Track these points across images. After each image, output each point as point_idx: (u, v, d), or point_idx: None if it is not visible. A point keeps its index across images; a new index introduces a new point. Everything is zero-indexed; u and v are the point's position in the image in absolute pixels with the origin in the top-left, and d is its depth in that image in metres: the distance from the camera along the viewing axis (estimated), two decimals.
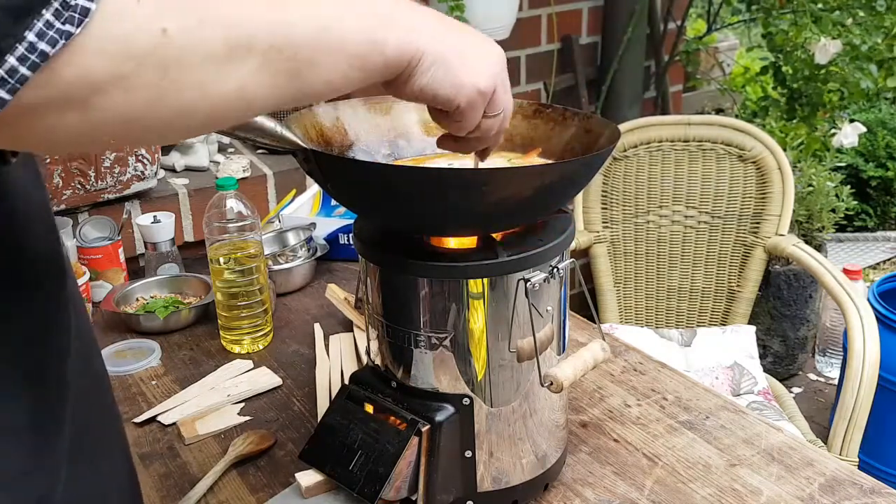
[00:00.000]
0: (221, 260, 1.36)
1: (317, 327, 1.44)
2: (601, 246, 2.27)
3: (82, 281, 1.49)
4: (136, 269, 1.71)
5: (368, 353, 0.99)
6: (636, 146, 2.24)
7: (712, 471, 1.03)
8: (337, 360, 1.31)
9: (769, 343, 2.82)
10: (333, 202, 1.76)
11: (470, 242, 0.89)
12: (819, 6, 2.59)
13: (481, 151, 0.82)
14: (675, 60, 2.79)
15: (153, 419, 1.21)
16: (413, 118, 1.01)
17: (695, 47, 2.81)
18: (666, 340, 2.12)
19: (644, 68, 2.74)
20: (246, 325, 1.38)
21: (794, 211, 2.60)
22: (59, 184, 1.62)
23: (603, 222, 2.27)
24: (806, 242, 2.21)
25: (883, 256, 3.64)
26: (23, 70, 0.41)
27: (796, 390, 2.86)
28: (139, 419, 1.20)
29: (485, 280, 0.86)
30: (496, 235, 0.89)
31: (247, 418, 1.20)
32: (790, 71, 2.73)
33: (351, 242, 1.65)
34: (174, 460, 1.12)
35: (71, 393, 0.62)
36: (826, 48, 2.45)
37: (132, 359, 1.37)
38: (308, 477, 0.92)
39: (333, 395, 1.00)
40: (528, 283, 0.86)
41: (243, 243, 1.36)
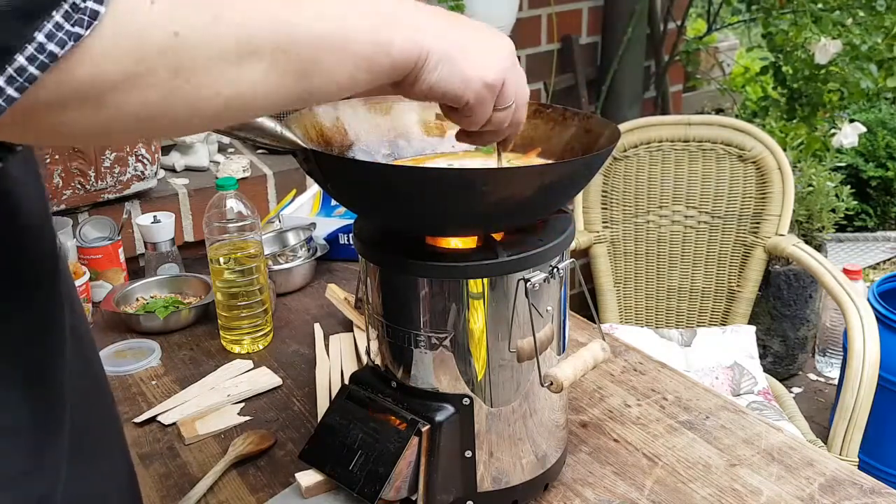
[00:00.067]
0: (221, 260, 1.36)
1: (317, 327, 1.44)
2: (601, 246, 2.27)
3: (82, 281, 1.49)
4: (136, 269, 1.71)
5: (368, 353, 0.99)
6: (636, 146, 2.24)
7: (712, 471, 1.03)
8: (337, 360, 1.31)
9: (769, 343, 2.82)
10: (333, 202, 1.76)
11: (470, 242, 0.89)
12: (819, 6, 2.59)
13: (501, 142, 0.81)
14: (675, 60, 2.79)
15: (153, 419, 1.21)
16: (413, 118, 1.01)
17: (695, 47, 2.82)
18: (666, 340, 2.12)
19: (644, 68, 2.74)
20: (246, 325, 1.38)
21: (794, 211, 2.60)
22: (59, 184, 1.62)
23: (603, 222, 2.27)
24: (806, 242, 2.21)
25: (883, 256, 3.64)
26: (31, 69, 0.42)
27: (796, 390, 2.86)
28: (139, 419, 1.20)
29: (485, 280, 0.86)
30: (496, 235, 0.89)
31: (247, 418, 1.20)
32: (790, 71, 2.73)
33: (351, 242, 1.65)
34: (174, 460, 1.12)
35: (70, 393, 0.62)
36: (826, 48, 2.45)
37: (132, 359, 1.37)
38: (308, 477, 0.92)
39: (333, 395, 1.00)
40: (528, 283, 0.86)
41: (243, 243, 1.36)
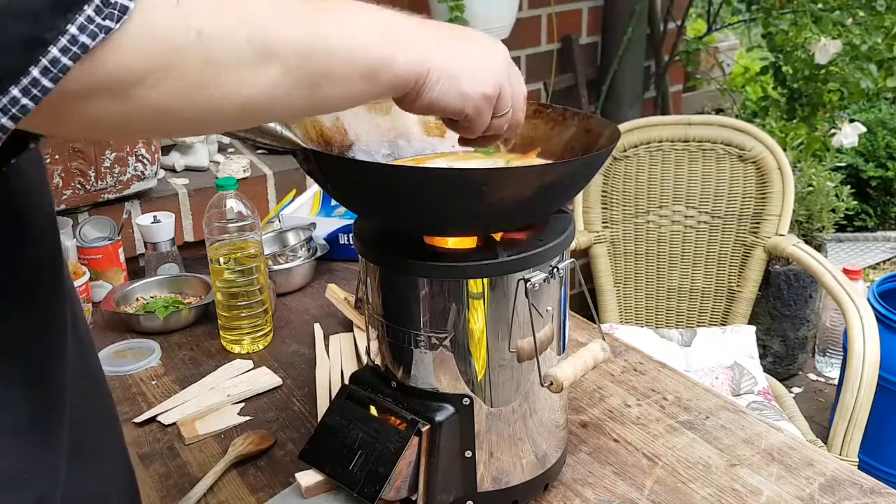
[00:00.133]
0: (221, 260, 1.36)
1: (317, 327, 1.44)
2: (601, 246, 2.27)
3: (82, 281, 1.49)
4: (136, 269, 1.71)
5: (368, 353, 0.99)
6: (636, 146, 2.24)
7: (712, 471, 1.03)
8: (337, 360, 1.30)
9: (769, 343, 2.82)
10: (333, 202, 1.76)
11: (470, 242, 0.89)
12: (819, 6, 2.59)
13: (503, 141, 0.83)
14: (675, 60, 2.79)
15: (153, 419, 1.21)
16: (413, 118, 1.01)
17: (695, 47, 2.81)
18: (666, 340, 2.12)
19: (644, 68, 2.74)
20: (246, 325, 1.38)
21: (794, 211, 2.60)
22: (59, 184, 1.62)
23: (603, 222, 2.27)
24: (806, 242, 2.21)
25: (883, 256, 3.64)
26: (65, 60, 0.44)
27: (796, 390, 2.86)
28: (139, 419, 1.20)
29: (485, 280, 0.86)
30: (496, 235, 0.89)
31: (247, 418, 1.20)
32: (790, 71, 2.73)
33: (351, 242, 1.65)
34: (174, 460, 1.12)
35: (70, 393, 0.62)
36: (826, 48, 2.45)
37: (132, 359, 1.37)
38: (308, 477, 0.92)
39: (333, 395, 1.00)
40: (528, 283, 0.86)
41: (243, 243, 1.36)
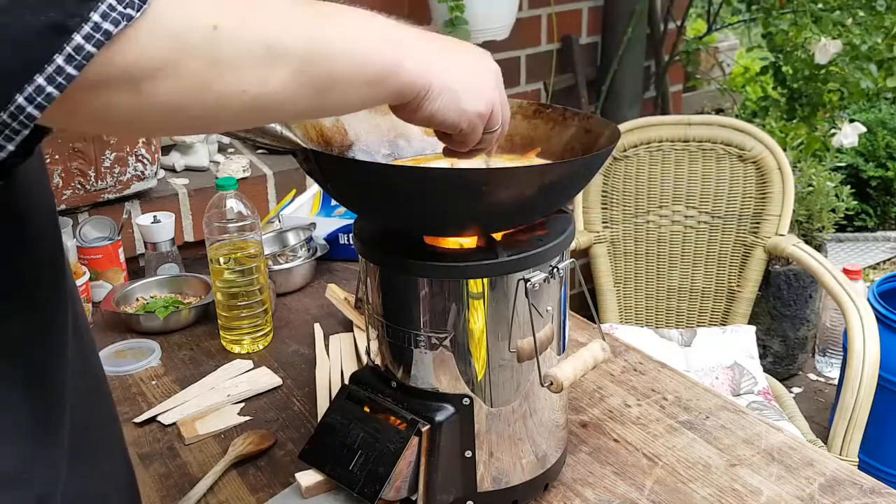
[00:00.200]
0: (221, 260, 1.36)
1: (317, 327, 1.44)
2: (601, 246, 2.27)
3: (82, 281, 1.49)
4: (136, 269, 1.71)
5: (368, 353, 0.99)
6: (636, 146, 2.24)
7: (712, 471, 1.03)
8: (337, 360, 1.30)
9: (769, 343, 2.82)
10: (333, 202, 1.76)
11: (470, 242, 0.89)
12: (819, 6, 2.59)
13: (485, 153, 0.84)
14: (675, 60, 2.79)
15: (153, 419, 1.21)
16: None
17: (695, 47, 2.81)
18: (666, 340, 2.12)
19: (644, 68, 2.74)
20: (246, 325, 1.38)
21: (794, 211, 2.60)
22: (59, 184, 1.62)
23: (603, 222, 2.27)
24: (806, 242, 2.21)
25: (883, 256, 3.64)
26: (88, 47, 0.44)
27: (796, 390, 2.86)
28: (139, 419, 1.20)
29: (485, 280, 0.86)
30: (496, 235, 0.89)
31: (247, 418, 1.20)
32: (790, 71, 2.73)
33: (351, 242, 1.65)
34: (174, 460, 1.12)
35: (70, 393, 0.62)
36: (826, 48, 2.45)
37: (132, 359, 1.37)
38: (308, 477, 0.92)
39: (333, 395, 1.00)
40: (528, 283, 0.86)
41: (243, 243, 1.36)
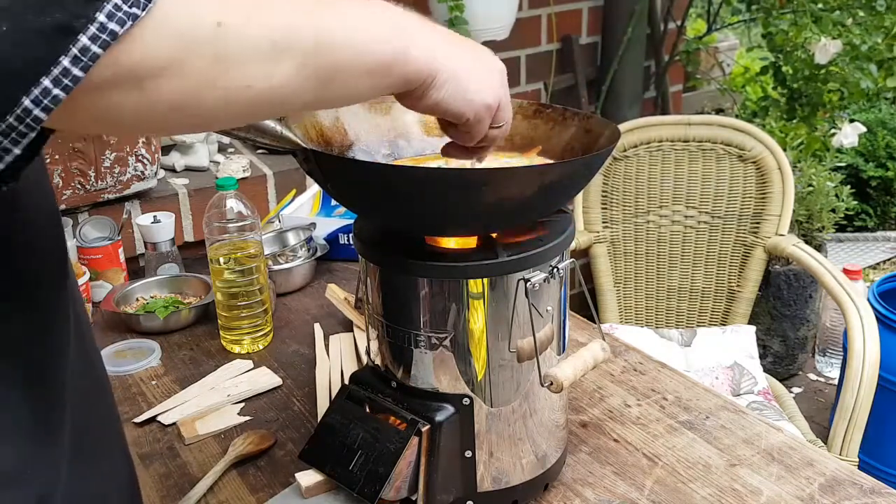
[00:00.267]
0: (221, 260, 1.36)
1: (317, 327, 1.44)
2: (601, 246, 2.27)
3: (82, 281, 1.49)
4: (136, 269, 1.71)
5: (368, 353, 0.99)
6: (636, 146, 2.24)
7: (712, 471, 1.03)
8: (337, 360, 1.30)
9: (769, 343, 2.82)
10: (333, 202, 1.76)
11: (470, 242, 0.89)
12: (819, 6, 2.59)
13: (478, 157, 0.85)
14: (675, 60, 2.79)
15: (153, 419, 1.21)
16: (413, 118, 1.01)
17: (695, 47, 2.81)
18: (666, 340, 2.12)
19: (644, 68, 2.74)
20: (246, 325, 1.38)
21: (794, 211, 2.60)
22: (59, 184, 1.62)
23: (603, 222, 2.27)
24: (806, 242, 2.21)
25: (883, 256, 3.64)
26: (94, 48, 0.44)
27: (796, 390, 2.86)
28: (139, 419, 1.20)
29: (485, 280, 0.86)
30: (496, 235, 0.89)
31: (247, 418, 1.20)
32: (790, 71, 2.73)
33: (351, 242, 1.65)
34: (174, 460, 1.12)
35: (71, 393, 0.62)
36: (826, 48, 2.45)
37: (132, 359, 1.37)
38: (308, 477, 0.92)
39: (333, 395, 1.00)
40: (528, 283, 0.86)
41: (243, 243, 1.36)
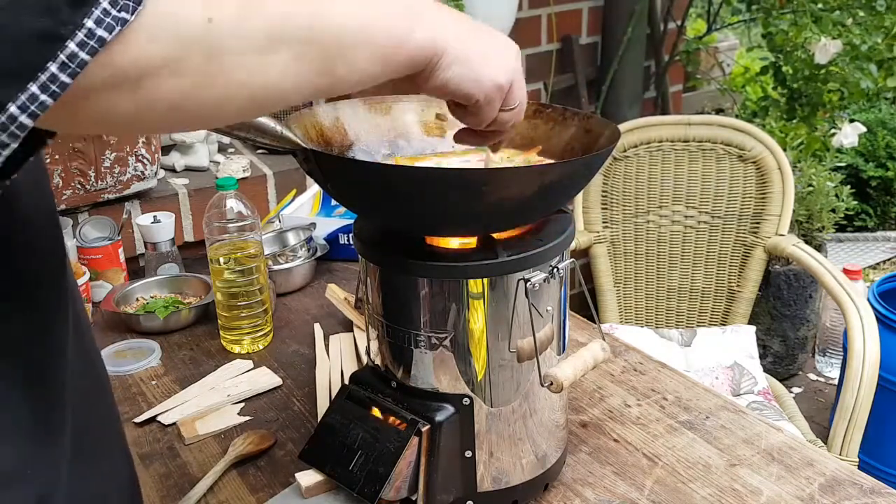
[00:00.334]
0: (221, 260, 1.36)
1: (317, 327, 1.44)
2: (601, 246, 2.27)
3: (82, 281, 1.49)
4: (136, 269, 1.71)
5: (368, 353, 0.99)
6: (636, 146, 2.24)
7: (712, 471, 1.03)
8: (337, 360, 1.31)
9: (769, 343, 2.82)
10: (333, 202, 1.76)
11: (470, 242, 0.89)
12: (819, 6, 2.59)
13: (494, 144, 0.83)
14: (675, 60, 2.79)
15: (153, 419, 1.21)
16: (412, 118, 1.01)
17: (695, 47, 2.82)
18: (666, 340, 2.12)
19: (644, 68, 2.74)
20: (246, 325, 1.38)
21: (794, 211, 2.60)
22: (59, 184, 1.62)
23: (603, 222, 2.27)
24: (806, 242, 2.21)
25: (883, 256, 3.64)
26: (82, 55, 0.44)
27: (796, 390, 2.86)
28: (139, 419, 1.20)
29: (485, 280, 0.86)
30: (496, 235, 0.89)
31: (247, 418, 1.20)
32: (790, 71, 2.73)
33: (351, 242, 1.65)
34: (174, 460, 1.12)
35: (71, 393, 0.62)
36: (826, 48, 2.45)
37: (132, 359, 1.37)
38: (308, 477, 0.92)
39: (333, 395, 1.00)
40: (528, 283, 0.86)
41: (243, 243, 1.36)
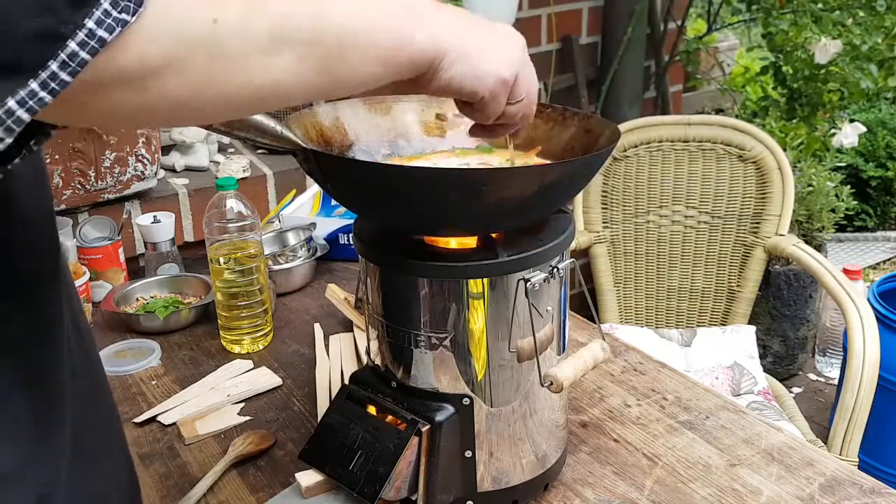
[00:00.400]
0: (221, 260, 1.36)
1: (317, 327, 1.44)
2: (601, 246, 2.27)
3: (82, 281, 1.49)
4: (136, 269, 1.71)
5: (368, 353, 0.99)
6: (636, 146, 2.24)
7: (712, 471, 1.03)
8: (337, 360, 1.30)
9: (769, 343, 2.82)
10: (333, 202, 1.76)
11: (470, 242, 0.89)
12: (819, 6, 2.59)
13: (512, 134, 0.83)
14: (675, 60, 2.79)
15: (153, 419, 1.21)
16: (413, 118, 1.01)
17: (695, 47, 2.82)
18: (666, 340, 2.12)
19: (644, 68, 2.74)
20: (246, 325, 1.38)
21: (794, 211, 2.60)
22: (59, 184, 1.62)
23: (603, 222, 2.27)
24: (806, 242, 2.21)
25: (883, 256, 3.64)
26: (83, 54, 0.44)
27: (796, 390, 2.86)
28: (139, 419, 1.20)
29: (485, 280, 0.86)
30: (496, 235, 0.89)
31: (247, 418, 1.20)
32: (790, 71, 2.73)
33: (351, 242, 1.65)
34: (174, 460, 1.12)
35: (71, 393, 0.62)
36: (826, 48, 2.45)
37: (132, 359, 1.37)
38: (308, 477, 0.92)
39: (333, 395, 1.00)
40: (528, 283, 0.86)
41: (243, 243, 1.36)
